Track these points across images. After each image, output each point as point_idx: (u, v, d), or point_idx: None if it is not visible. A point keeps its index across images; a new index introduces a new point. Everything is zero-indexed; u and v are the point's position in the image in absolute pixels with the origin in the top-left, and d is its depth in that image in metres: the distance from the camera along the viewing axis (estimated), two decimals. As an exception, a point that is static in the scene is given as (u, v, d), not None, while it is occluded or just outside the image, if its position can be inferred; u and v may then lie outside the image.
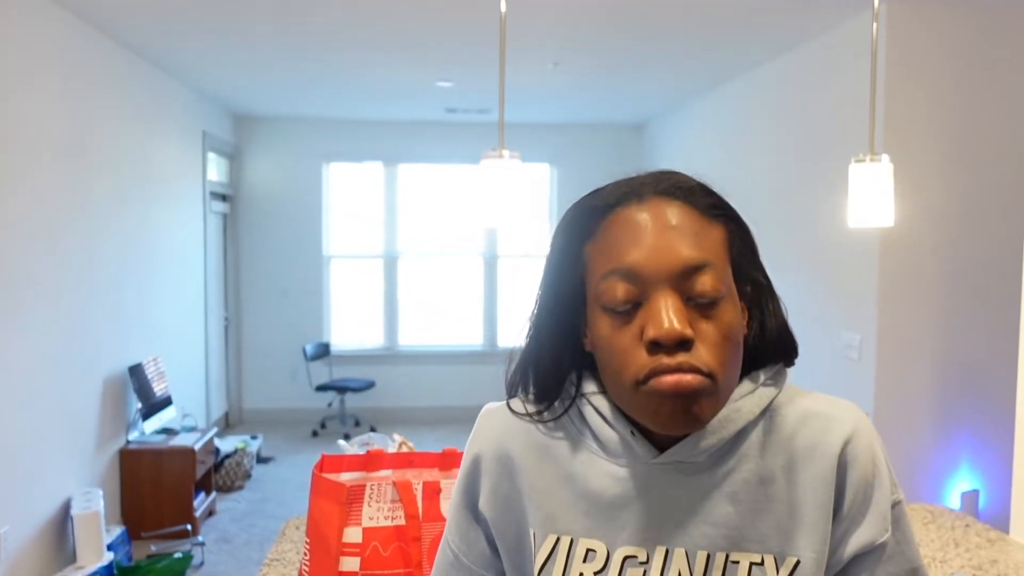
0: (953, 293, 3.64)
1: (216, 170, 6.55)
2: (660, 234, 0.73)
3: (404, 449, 1.58)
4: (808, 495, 0.77)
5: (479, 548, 0.89)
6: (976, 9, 3.54)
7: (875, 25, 2.22)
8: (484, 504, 0.87)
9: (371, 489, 1.20)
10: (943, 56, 3.56)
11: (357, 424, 7.18)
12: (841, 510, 0.78)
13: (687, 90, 5.60)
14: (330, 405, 7.29)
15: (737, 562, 0.76)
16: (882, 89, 3.53)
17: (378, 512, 1.19)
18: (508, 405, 0.89)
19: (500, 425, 0.88)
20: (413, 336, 7.55)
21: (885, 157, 2.15)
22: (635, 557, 0.78)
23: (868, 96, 3.56)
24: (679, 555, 0.78)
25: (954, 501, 3.64)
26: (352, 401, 7.35)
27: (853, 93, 3.81)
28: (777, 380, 0.82)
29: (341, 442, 1.58)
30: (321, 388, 6.89)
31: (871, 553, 0.79)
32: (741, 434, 0.79)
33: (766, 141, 4.83)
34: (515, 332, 0.90)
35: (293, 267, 7.29)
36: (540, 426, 0.86)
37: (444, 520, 1.19)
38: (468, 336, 7.61)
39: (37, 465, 3.54)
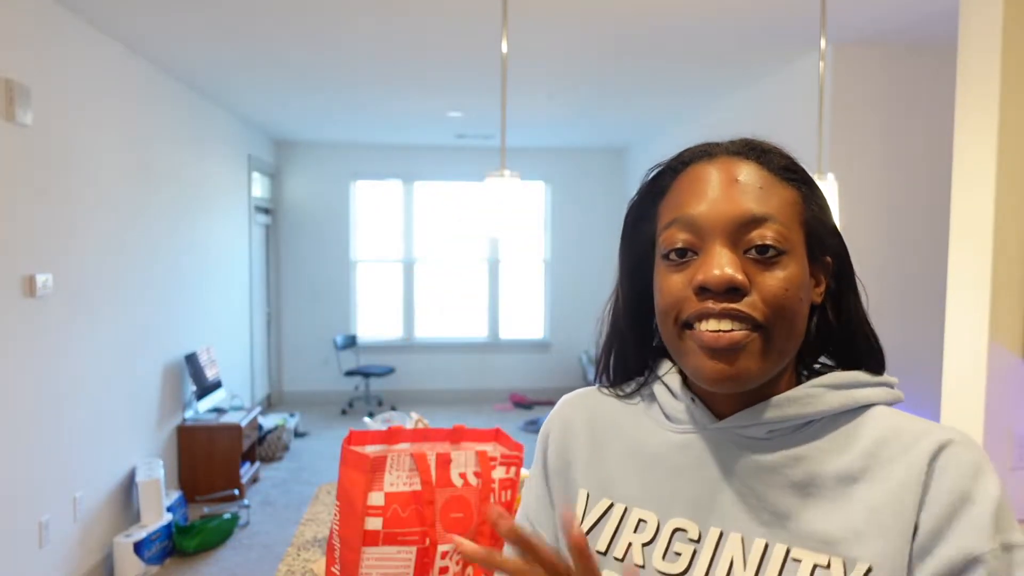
0: (887, 288, 3.64)
1: (259, 187, 6.54)
2: (724, 187, 0.63)
3: (420, 425, 1.58)
4: (888, 499, 0.59)
5: (542, 505, 0.77)
6: (908, 52, 3.55)
7: (821, 64, 2.22)
8: (549, 462, 0.77)
9: (392, 460, 1.20)
10: (880, 90, 3.56)
11: (380, 404, 7.18)
12: (924, 520, 0.58)
13: (662, 119, 5.60)
14: (357, 388, 7.28)
15: (799, 560, 0.59)
16: (829, 117, 3.53)
17: (398, 479, 1.19)
18: (589, 386, 0.80)
19: (572, 400, 0.79)
20: (427, 329, 7.55)
21: (831, 176, 2.15)
22: (685, 531, 0.65)
23: (817, 123, 3.56)
24: (734, 540, 0.62)
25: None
26: (375, 384, 7.35)
27: (804, 120, 3.81)
28: (879, 390, 0.67)
29: (366, 419, 1.58)
30: (349, 373, 6.88)
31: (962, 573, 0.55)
32: (818, 424, 0.64)
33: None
34: (516, 325, 0.83)
35: (325, 270, 7.29)
36: (614, 400, 0.76)
37: (454, 486, 1.19)
38: (474, 329, 7.60)
39: (107, 439, 3.55)
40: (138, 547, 3.48)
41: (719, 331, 0.60)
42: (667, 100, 4.93)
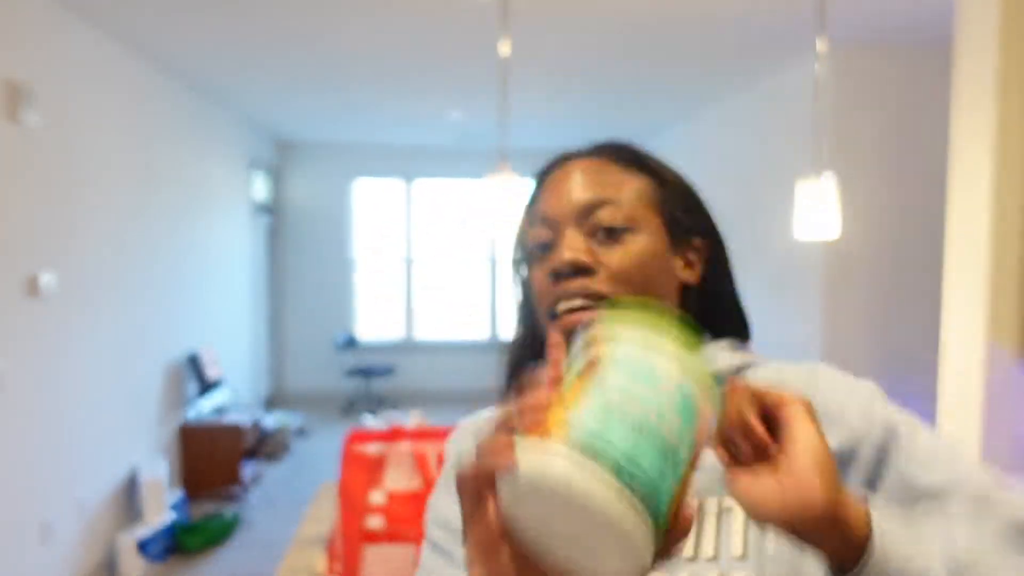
0: (886, 288, 3.64)
1: (261, 187, 6.55)
2: (570, 182, 0.69)
3: (420, 425, 1.58)
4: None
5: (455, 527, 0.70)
6: (908, 53, 3.55)
7: (817, 66, 2.23)
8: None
9: (393, 458, 1.20)
10: (881, 90, 3.56)
11: (381, 403, 7.18)
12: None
13: (661, 121, 5.60)
14: (358, 387, 7.29)
15: (731, 509, 0.62)
16: (829, 118, 3.52)
17: (399, 478, 1.19)
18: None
19: (462, 430, 0.78)
20: (427, 329, 7.55)
21: (827, 174, 2.15)
22: None
23: (816, 124, 3.56)
24: None
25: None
26: (376, 384, 7.35)
27: (805, 121, 3.80)
28: (749, 352, 0.72)
29: (368, 417, 1.58)
30: (350, 373, 6.89)
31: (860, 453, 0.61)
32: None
33: (729, 164, 4.82)
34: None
35: (326, 269, 7.29)
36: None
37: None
38: (474, 329, 7.60)
39: (109, 439, 3.55)
40: (141, 545, 3.48)
41: (570, 309, 0.64)
42: (665, 103, 4.93)
